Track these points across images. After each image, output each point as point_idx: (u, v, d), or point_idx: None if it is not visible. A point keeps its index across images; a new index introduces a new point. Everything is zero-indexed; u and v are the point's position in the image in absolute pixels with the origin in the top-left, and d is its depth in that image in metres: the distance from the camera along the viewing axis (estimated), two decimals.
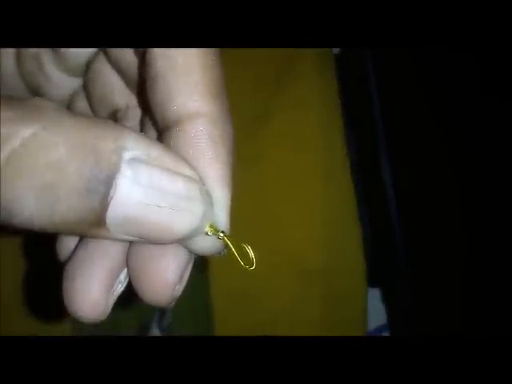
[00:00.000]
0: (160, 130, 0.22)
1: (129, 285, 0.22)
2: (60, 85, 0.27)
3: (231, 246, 0.20)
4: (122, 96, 0.26)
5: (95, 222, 0.18)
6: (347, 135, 0.54)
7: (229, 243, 0.20)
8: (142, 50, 0.22)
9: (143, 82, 0.22)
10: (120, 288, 0.22)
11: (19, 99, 0.17)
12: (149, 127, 0.24)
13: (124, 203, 0.18)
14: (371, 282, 0.54)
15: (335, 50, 0.57)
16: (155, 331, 0.49)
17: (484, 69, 0.43)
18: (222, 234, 0.20)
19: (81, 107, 0.27)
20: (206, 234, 0.20)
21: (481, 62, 0.42)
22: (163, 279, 0.20)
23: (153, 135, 0.23)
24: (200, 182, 0.20)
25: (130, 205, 0.18)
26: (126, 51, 0.24)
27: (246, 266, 0.21)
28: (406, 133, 0.52)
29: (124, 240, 0.20)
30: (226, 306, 0.49)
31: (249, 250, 0.21)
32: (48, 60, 0.26)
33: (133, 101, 0.26)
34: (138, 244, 0.21)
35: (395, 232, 0.52)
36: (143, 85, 0.22)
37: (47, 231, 0.18)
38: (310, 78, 0.54)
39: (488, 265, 0.45)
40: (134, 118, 0.25)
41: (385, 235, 0.53)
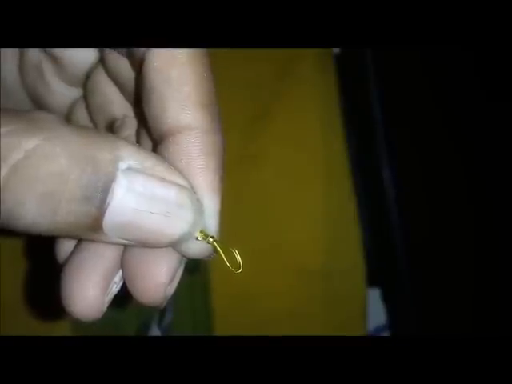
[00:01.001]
0: (154, 139, 0.23)
1: (124, 286, 0.23)
2: (61, 94, 0.28)
3: (220, 250, 0.21)
4: (119, 106, 0.27)
5: (93, 227, 0.19)
6: (347, 135, 0.54)
7: (218, 248, 0.21)
8: (139, 62, 0.23)
9: (139, 95, 0.23)
10: (115, 288, 0.23)
11: (23, 112, 0.18)
12: (144, 136, 0.25)
13: (119, 209, 0.19)
14: (371, 282, 0.54)
15: (335, 50, 0.57)
16: (155, 331, 0.49)
17: (484, 69, 0.43)
18: (211, 239, 0.21)
19: (80, 116, 0.28)
20: (197, 239, 0.21)
21: (481, 62, 0.42)
22: (155, 280, 0.21)
23: (148, 144, 0.24)
24: (191, 190, 0.21)
25: (125, 211, 0.19)
26: (123, 64, 0.25)
27: (233, 269, 0.22)
28: (406, 133, 0.52)
29: (119, 243, 0.21)
30: (226, 305, 0.49)
31: (236, 254, 0.22)
32: (49, 70, 0.27)
33: (129, 111, 0.27)
34: (132, 247, 0.22)
35: (395, 232, 0.52)
36: (139, 97, 0.23)
37: (48, 235, 0.19)
38: (310, 78, 0.54)
39: (488, 265, 0.45)
40: (130, 127, 0.26)
41: (385, 235, 0.53)
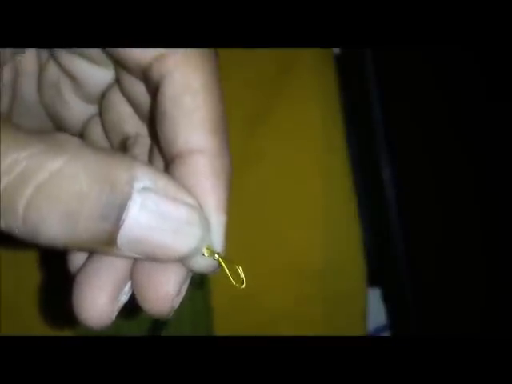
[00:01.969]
0: (166, 159, 0.25)
1: (132, 297, 0.24)
2: (77, 111, 0.29)
3: (225, 266, 0.23)
4: (132, 125, 0.28)
5: (108, 242, 0.21)
6: (347, 135, 0.54)
7: (223, 264, 0.23)
8: (154, 87, 0.24)
9: (153, 116, 0.25)
10: (124, 298, 0.24)
11: (45, 134, 0.20)
12: (156, 155, 0.26)
13: (133, 226, 0.20)
14: (371, 282, 0.54)
15: (335, 50, 0.57)
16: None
17: (485, 69, 0.43)
18: (217, 256, 0.23)
19: (96, 131, 0.30)
20: (203, 254, 0.22)
21: (482, 62, 0.42)
22: (164, 292, 0.23)
23: (160, 162, 0.26)
24: (199, 209, 0.22)
25: (138, 228, 0.21)
26: (138, 87, 0.26)
27: (236, 285, 0.23)
28: (406, 133, 0.52)
29: (131, 257, 0.22)
30: (226, 305, 0.49)
31: (240, 271, 0.23)
32: (67, 88, 0.28)
33: (143, 130, 0.28)
34: (142, 260, 0.23)
35: (395, 232, 0.52)
36: (153, 118, 0.25)
37: (65, 248, 0.21)
38: (310, 78, 0.54)
39: (488, 265, 0.45)
40: (143, 145, 0.28)
41: (385, 235, 0.53)
